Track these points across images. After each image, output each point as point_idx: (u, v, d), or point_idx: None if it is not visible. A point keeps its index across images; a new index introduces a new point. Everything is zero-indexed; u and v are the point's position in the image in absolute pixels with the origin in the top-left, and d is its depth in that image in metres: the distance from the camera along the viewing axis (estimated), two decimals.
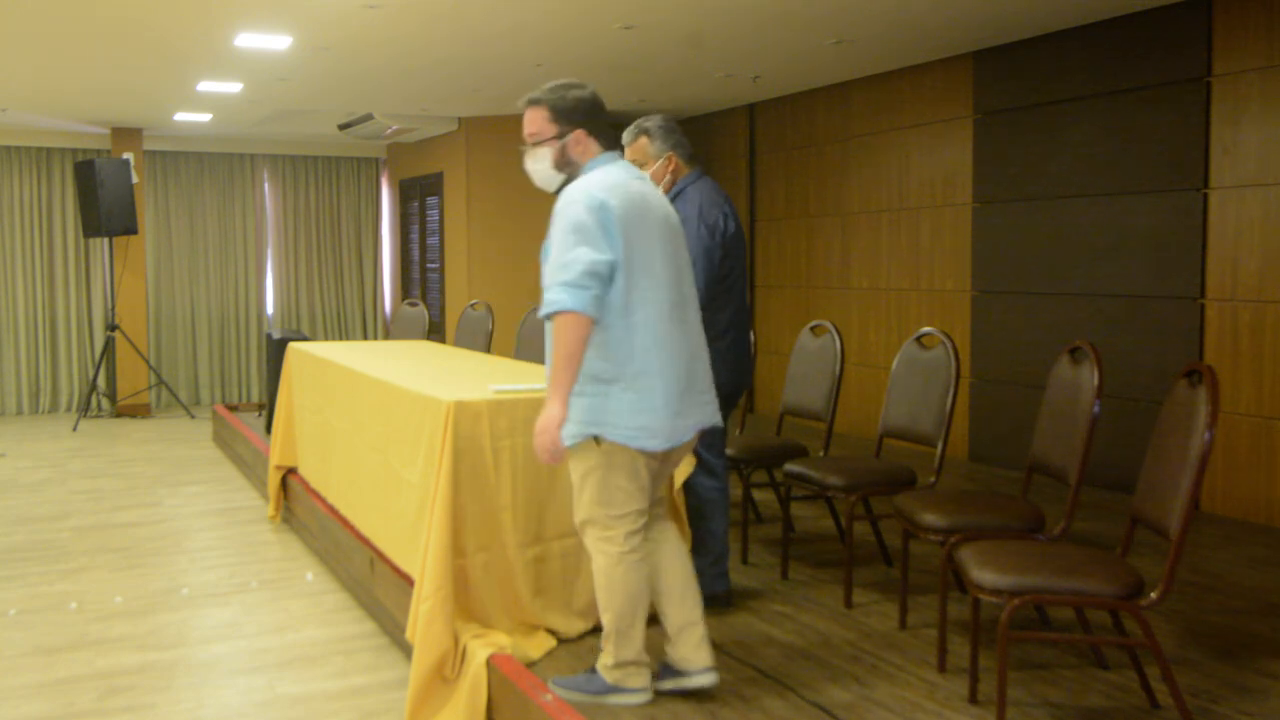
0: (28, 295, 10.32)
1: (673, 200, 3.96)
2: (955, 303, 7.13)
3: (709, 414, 3.12)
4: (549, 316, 2.83)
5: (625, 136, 4.06)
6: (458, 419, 3.49)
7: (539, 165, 3.10)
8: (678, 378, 2.99)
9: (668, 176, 3.98)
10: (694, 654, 3.10)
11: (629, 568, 2.99)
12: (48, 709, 3.52)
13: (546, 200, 3.03)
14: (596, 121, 3.06)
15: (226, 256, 11.11)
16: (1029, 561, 2.96)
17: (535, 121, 3.06)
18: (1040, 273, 6.50)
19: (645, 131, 3.99)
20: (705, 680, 3.10)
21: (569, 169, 3.06)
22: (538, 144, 3.07)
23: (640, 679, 3.08)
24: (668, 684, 3.15)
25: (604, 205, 2.88)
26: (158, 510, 6.36)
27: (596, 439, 2.92)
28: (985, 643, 3.41)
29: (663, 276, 2.99)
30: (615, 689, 3.09)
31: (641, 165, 4.01)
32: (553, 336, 2.84)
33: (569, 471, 3.05)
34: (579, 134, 3.03)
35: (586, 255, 2.82)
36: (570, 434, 2.92)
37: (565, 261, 2.83)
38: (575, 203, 2.89)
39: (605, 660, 3.10)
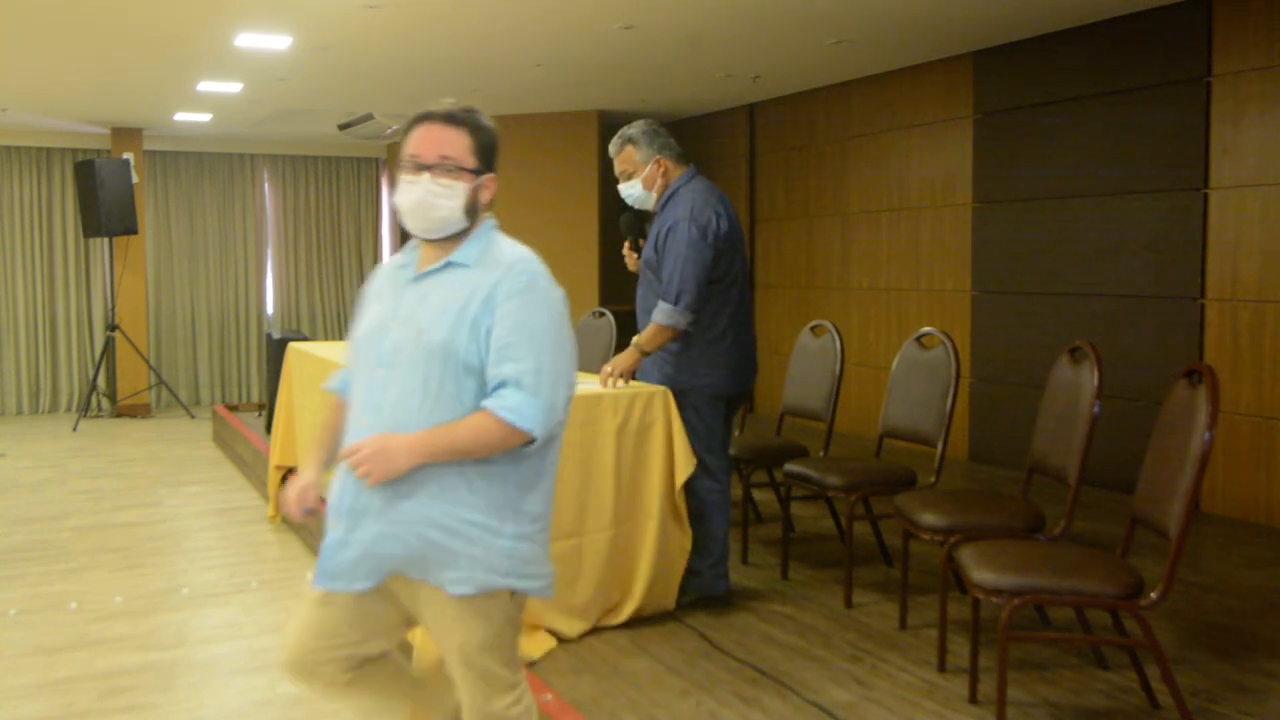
0: (28, 295, 10.32)
1: (665, 204, 3.95)
2: (955, 303, 7.13)
3: None
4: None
5: (611, 148, 4.05)
6: None
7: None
8: None
9: (659, 181, 3.97)
10: None
11: None
12: (48, 709, 3.52)
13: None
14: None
15: (226, 256, 11.11)
16: (1029, 561, 2.96)
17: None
18: (1040, 273, 6.50)
19: (629, 140, 3.97)
20: None
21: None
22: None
23: None
24: None
25: None
26: (158, 510, 6.36)
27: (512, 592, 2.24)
28: (985, 643, 3.41)
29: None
30: None
31: (630, 175, 3.99)
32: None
33: (469, 629, 2.21)
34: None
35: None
36: (488, 583, 2.18)
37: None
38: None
39: None
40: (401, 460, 2.12)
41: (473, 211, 2.25)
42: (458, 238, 2.26)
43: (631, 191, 4.02)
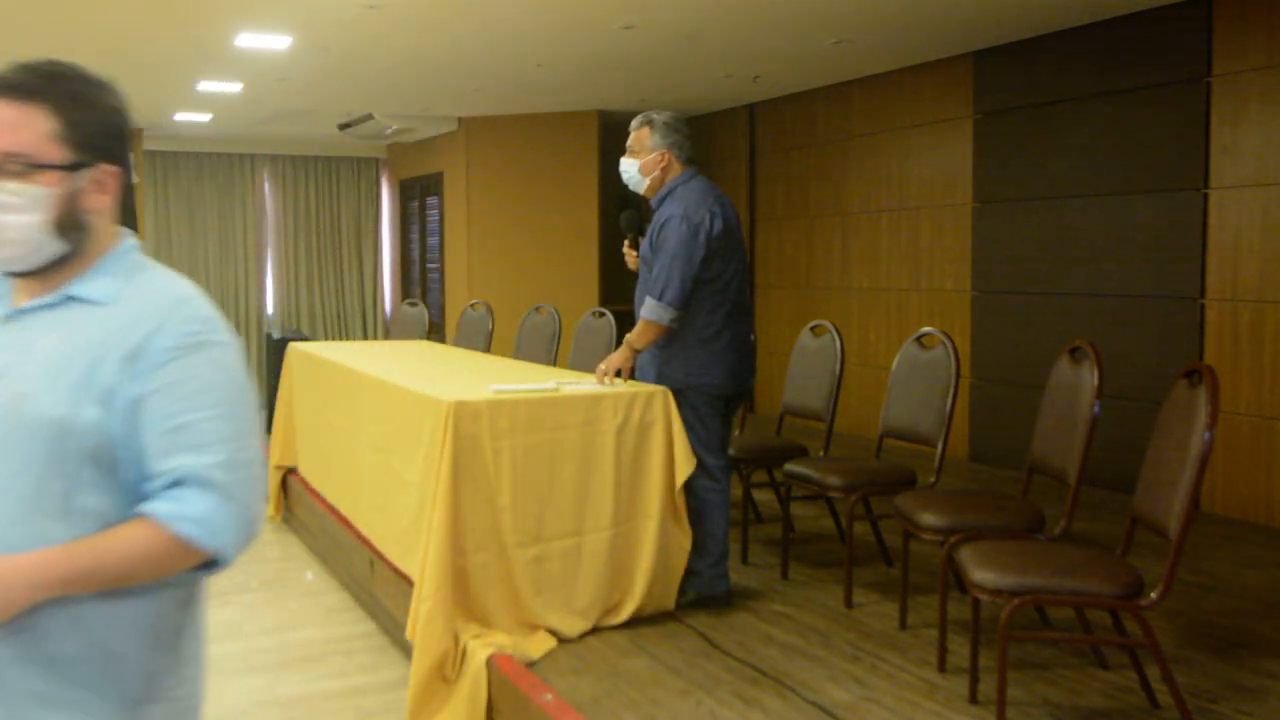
0: None
1: (662, 200, 3.98)
2: (955, 303, 7.13)
3: None
4: None
5: (632, 123, 4.08)
6: (458, 419, 3.49)
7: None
8: None
9: (657, 172, 3.99)
10: None
11: None
12: None
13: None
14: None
15: (226, 256, 11.11)
16: (1029, 561, 2.96)
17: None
18: (1040, 273, 6.50)
19: (650, 123, 4.01)
20: None
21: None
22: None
23: None
24: None
25: None
26: None
27: None
28: (985, 643, 3.41)
29: None
30: None
31: (635, 154, 4.03)
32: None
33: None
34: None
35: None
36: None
37: None
38: None
39: None
40: (21, 593, 1.35)
41: (73, 227, 1.47)
42: (68, 265, 1.49)
43: (629, 170, 4.06)
